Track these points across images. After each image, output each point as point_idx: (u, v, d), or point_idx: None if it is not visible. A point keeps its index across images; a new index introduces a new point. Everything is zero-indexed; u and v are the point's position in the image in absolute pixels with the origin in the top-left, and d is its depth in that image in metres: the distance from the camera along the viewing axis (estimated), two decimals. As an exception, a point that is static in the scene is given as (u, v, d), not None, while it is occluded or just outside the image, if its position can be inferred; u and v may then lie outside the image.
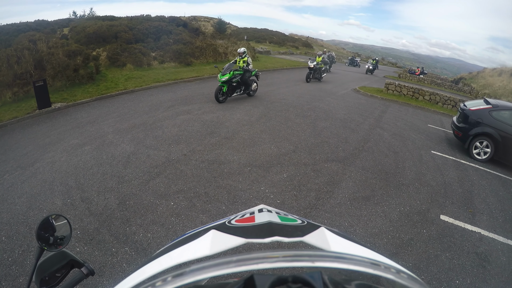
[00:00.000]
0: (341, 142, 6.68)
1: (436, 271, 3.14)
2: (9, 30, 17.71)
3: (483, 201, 4.89)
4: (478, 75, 29.05)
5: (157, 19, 22.86)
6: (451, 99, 13.47)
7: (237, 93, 9.44)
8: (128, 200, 3.89)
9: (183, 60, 15.86)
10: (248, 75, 9.42)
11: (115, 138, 5.99)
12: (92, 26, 17.33)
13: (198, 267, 0.40)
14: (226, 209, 3.82)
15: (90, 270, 1.05)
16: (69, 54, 11.34)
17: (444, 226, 4.00)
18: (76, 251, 2.96)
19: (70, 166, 4.83)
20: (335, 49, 61.47)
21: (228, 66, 8.80)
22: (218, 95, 8.73)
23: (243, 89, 9.53)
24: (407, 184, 5.06)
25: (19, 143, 5.99)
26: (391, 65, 56.33)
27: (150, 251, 3.05)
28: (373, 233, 3.65)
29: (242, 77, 9.22)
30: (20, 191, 4.12)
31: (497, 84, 22.61)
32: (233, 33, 41.89)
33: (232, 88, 9.15)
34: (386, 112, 10.72)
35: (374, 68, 27.05)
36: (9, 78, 8.93)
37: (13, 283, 2.60)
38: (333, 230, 0.65)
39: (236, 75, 8.94)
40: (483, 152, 6.81)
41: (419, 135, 8.25)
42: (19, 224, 3.41)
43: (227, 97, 9.09)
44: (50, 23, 22.80)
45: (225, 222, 0.72)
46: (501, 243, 3.81)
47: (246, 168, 4.97)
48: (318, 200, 4.21)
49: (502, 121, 6.65)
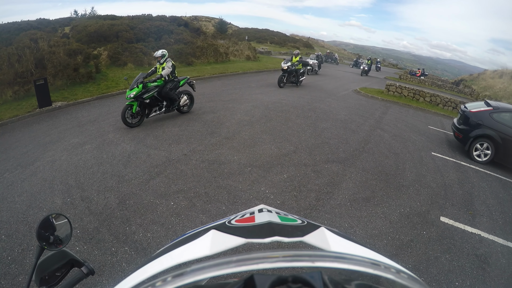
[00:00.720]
0: (342, 143, 6.68)
1: (436, 273, 3.14)
2: (11, 29, 17.73)
3: (483, 203, 4.88)
4: (479, 77, 29.04)
5: (158, 18, 22.88)
6: (452, 100, 13.47)
7: (156, 112, 7.07)
8: (128, 200, 3.89)
9: (184, 60, 15.87)
10: (171, 86, 7.07)
11: (115, 137, 6.00)
12: (93, 25, 17.34)
13: (198, 267, 0.40)
14: (226, 209, 3.82)
15: (90, 270, 1.05)
16: (70, 53, 11.35)
17: (444, 228, 4.00)
18: (76, 250, 2.96)
19: (70, 165, 4.83)
20: (336, 50, 61.47)
21: (137, 78, 6.54)
22: (125, 117, 6.39)
23: (165, 105, 7.17)
24: (407, 186, 5.06)
25: (20, 142, 5.99)
26: (392, 66, 56.35)
27: (150, 250, 3.05)
28: (373, 234, 3.65)
29: (162, 90, 6.92)
30: (20, 189, 4.12)
31: (498, 86, 22.60)
32: (234, 33, 41.94)
33: (148, 106, 6.85)
34: (387, 113, 10.71)
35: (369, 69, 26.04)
36: (10, 76, 8.94)
37: (12, 281, 2.60)
38: (333, 230, 0.65)
39: (150, 88, 6.64)
40: (484, 154, 6.80)
41: (420, 136, 8.25)
42: (19, 222, 3.41)
43: (142, 119, 6.77)
44: (51, 22, 22.83)
45: (225, 222, 0.72)
46: (501, 245, 3.81)
47: (247, 168, 4.97)
48: (318, 201, 4.21)
49: (502, 123, 6.64)
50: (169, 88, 7.01)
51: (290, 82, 13.21)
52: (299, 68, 13.30)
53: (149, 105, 6.83)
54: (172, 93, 7.11)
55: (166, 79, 7.00)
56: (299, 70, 13.29)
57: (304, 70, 13.92)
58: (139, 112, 6.67)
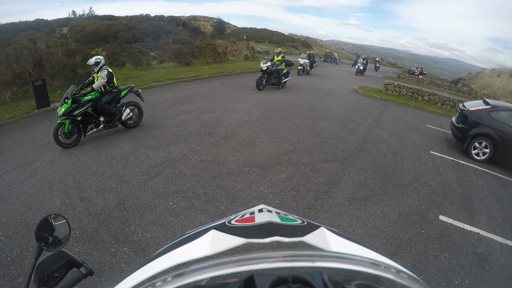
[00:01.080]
0: (340, 142, 6.68)
1: (435, 272, 3.14)
2: (9, 29, 17.65)
3: (482, 201, 4.89)
4: (477, 75, 29.11)
5: (156, 18, 22.84)
6: (450, 99, 13.50)
7: (92, 130, 5.98)
8: (127, 200, 3.88)
9: (183, 59, 15.86)
10: (108, 98, 5.98)
11: (114, 138, 5.98)
12: (92, 25, 17.30)
13: (198, 267, 0.40)
14: (225, 209, 3.82)
15: (89, 270, 1.04)
16: (68, 54, 11.33)
17: (443, 227, 4.01)
18: (75, 251, 2.95)
19: (69, 166, 4.82)
20: (335, 49, 61.53)
21: (67, 91, 5.64)
22: (57, 137, 5.43)
23: (103, 121, 6.07)
24: (406, 185, 5.07)
25: (18, 143, 5.97)
26: (390, 65, 56.43)
27: (149, 251, 3.04)
28: (372, 234, 3.65)
29: (97, 104, 5.89)
30: (19, 190, 4.11)
31: (496, 84, 22.66)
32: (232, 33, 41.90)
33: (82, 123, 5.83)
34: (385, 112, 10.73)
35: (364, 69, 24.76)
36: (8, 77, 8.92)
37: (11, 283, 2.60)
38: (333, 230, 0.65)
39: (82, 103, 5.67)
40: (482, 152, 6.82)
41: (418, 135, 8.26)
42: (18, 223, 3.40)
43: (78, 138, 5.76)
44: (50, 22, 22.75)
45: (225, 222, 0.71)
46: (500, 243, 3.82)
47: (245, 168, 4.97)
48: (317, 200, 4.22)
49: (501, 121, 6.66)
50: (105, 101, 5.93)
51: (271, 84, 11.86)
52: (282, 69, 11.97)
53: (82, 122, 5.80)
54: (110, 107, 6.03)
55: (102, 90, 5.99)
56: (282, 71, 11.97)
57: (287, 70, 12.38)
58: (74, 131, 5.71)
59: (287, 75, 12.51)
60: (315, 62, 20.63)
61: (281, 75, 11.90)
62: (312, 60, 19.62)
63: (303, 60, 18.86)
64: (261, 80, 11.33)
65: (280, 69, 11.87)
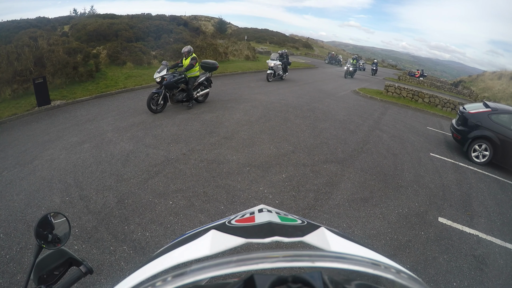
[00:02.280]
0: (340, 143, 6.68)
1: (434, 273, 3.15)
2: (10, 27, 17.67)
3: (481, 204, 4.90)
4: (478, 78, 29.13)
5: (157, 18, 22.87)
6: (451, 102, 13.50)
7: None
8: (126, 199, 3.88)
9: (183, 59, 15.84)
10: None
11: (114, 136, 5.98)
12: (93, 24, 17.31)
13: (198, 267, 0.40)
14: (224, 208, 3.82)
15: (89, 269, 1.05)
16: (69, 52, 11.33)
17: (442, 229, 4.01)
18: (74, 249, 2.95)
19: (69, 164, 4.82)
20: (335, 50, 61.55)
21: None
22: None
23: None
24: (405, 186, 5.07)
25: (18, 140, 5.97)
26: (391, 67, 56.43)
27: (149, 250, 3.04)
28: (371, 235, 3.65)
29: None
30: (18, 188, 4.11)
31: (496, 87, 22.67)
32: (233, 33, 41.94)
33: None
34: (386, 114, 10.73)
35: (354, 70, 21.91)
36: (8, 75, 8.91)
37: (10, 280, 2.60)
38: (333, 230, 0.65)
39: None
40: (482, 155, 6.83)
41: (418, 137, 8.26)
42: (17, 221, 3.40)
43: None
44: (51, 20, 22.77)
45: (225, 222, 0.72)
46: (499, 246, 3.82)
47: (245, 168, 4.97)
48: (316, 201, 4.22)
49: (501, 124, 6.66)
50: None
51: (176, 102, 7.95)
52: (194, 77, 8.09)
53: None
54: None
55: None
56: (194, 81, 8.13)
57: (207, 77, 8.62)
58: None
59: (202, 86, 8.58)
60: (289, 63, 16.28)
61: (190, 88, 7.94)
62: (286, 62, 15.50)
63: (273, 62, 14.47)
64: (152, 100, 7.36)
65: (192, 77, 8.01)
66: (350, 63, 21.74)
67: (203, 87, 8.64)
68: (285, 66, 15.41)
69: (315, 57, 40.86)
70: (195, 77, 8.12)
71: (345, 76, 20.92)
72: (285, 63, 15.38)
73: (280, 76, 15.19)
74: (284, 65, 15.28)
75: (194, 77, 8.08)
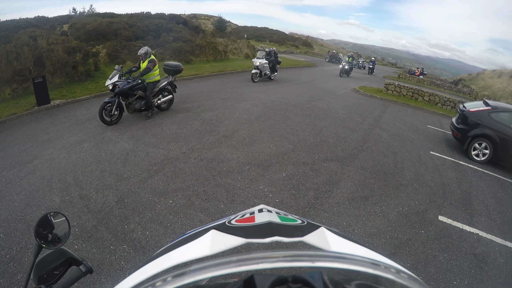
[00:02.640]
0: (340, 141, 6.68)
1: (434, 272, 3.15)
2: (9, 26, 17.63)
3: (481, 202, 4.90)
4: (478, 76, 29.11)
5: (157, 16, 22.82)
6: (451, 100, 13.50)
7: None
8: (126, 198, 3.88)
9: (183, 58, 15.84)
10: None
11: (114, 135, 5.98)
12: (92, 23, 17.28)
13: (198, 267, 0.40)
14: (224, 207, 3.82)
15: (89, 268, 1.05)
16: (68, 51, 11.32)
17: (442, 227, 4.01)
18: (74, 249, 2.95)
19: (69, 163, 4.82)
20: (335, 48, 61.45)
21: None
22: None
23: None
24: (405, 185, 5.07)
25: (18, 140, 5.97)
26: (391, 65, 56.41)
27: (149, 249, 3.04)
28: (372, 233, 3.66)
29: None
30: (18, 187, 4.11)
31: (496, 85, 22.66)
32: (233, 31, 41.88)
33: None
34: (386, 112, 10.73)
35: (350, 69, 20.71)
36: (8, 74, 8.90)
37: (11, 280, 2.60)
38: (333, 230, 0.65)
39: None
40: (482, 153, 6.83)
41: (418, 135, 8.26)
42: (17, 221, 3.40)
43: None
44: (50, 20, 22.72)
45: (225, 222, 0.71)
46: (499, 244, 3.83)
47: (245, 166, 4.97)
48: (316, 200, 4.22)
49: (501, 122, 6.66)
50: None
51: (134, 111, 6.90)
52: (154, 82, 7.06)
53: None
54: None
55: None
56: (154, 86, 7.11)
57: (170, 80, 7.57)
58: None
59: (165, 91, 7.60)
60: (279, 62, 14.73)
61: (149, 94, 6.93)
62: (274, 60, 14.03)
63: (259, 61, 13.13)
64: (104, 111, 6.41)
65: (151, 83, 7.00)
66: (346, 61, 20.67)
67: (167, 92, 7.65)
68: (274, 65, 14.05)
69: (315, 56, 40.84)
70: (154, 82, 7.12)
71: (340, 75, 19.98)
72: (273, 62, 13.99)
73: (268, 76, 13.95)
74: (272, 64, 13.91)
75: (153, 82, 7.09)
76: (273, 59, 13.89)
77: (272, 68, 14.00)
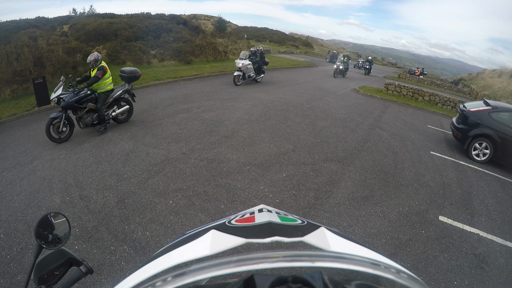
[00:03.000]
0: (341, 142, 6.68)
1: (435, 272, 3.15)
2: (9, 27, 17.63)
3: (481, 202, 4.90)
4: (478, 76, 29.09)
5: (157, 17, 22.83)
6: (451, 100, 13.49)
7: None
8: (127, 198, 3.89)
9: (183, 58, 15.85)
10: None
11: (114, 136, 5.98)
12: (92, 23, 17.29)
13: (198, 267, 0.40)
14: (225, 208, 3.82)
15: (89, 269, 1.05)
16: (68, 51, 11.34)
17: (443, 227, 4.01)
18: (74, 249, 2.96)
19: (69, 164, 4.82)
20: (335, 48, 61.46)
21: None
22: None
23: None
24: (406, 185, 5.07)
25: (18, 141, 5.97)
26: (391, 65, 56.40)
27: (149, 249, 3.05)
28: (372, 234, 3.65)
29: None
30: (18, 188, 4.12)
31: (496, 85, 22.64)
32: (233, 31, 41.90)
33: None
34: (386, 112, 10.72)
35: (345, 69, 19.44)
36: (8, 75, 8.91)
37: (11, 280, 2.60)
38: (333, 230, 0.65)
39: None
40: (482, 153, 6.82)
41: (419, 135, 8.26)
42: (18, 221, 3.41)
43: None
44: (50, 20, 22.72)
45: (225, 222, 0.71)
46: (500, 244, 3.82)
47: (245, 167, 4.97)
48: (317, 200, 4.22)
49: (501, 122, 6.66)
50: None
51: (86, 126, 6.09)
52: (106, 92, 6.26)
53: None
54: None
55: None
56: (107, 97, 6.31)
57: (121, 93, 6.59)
58: None
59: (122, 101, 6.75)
60: (266, 63, 13.41)
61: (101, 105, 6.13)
62: (261, 61, 12.82)
63: (241, 62, 11.87)
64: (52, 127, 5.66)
65: (103, 93, 6.20)
66: (341, 61, 19.50)
67: (124, 102, 6.79)
68: (259, 67, 12.84)
69: (315, 56, 40.82)
70: (107, 92, 6.29)
71: (335, 75, 19.01)
72: (259, 62, 12.72)
73: (253, 78, 12.67)
74: (258, 65, 12.67)
75: (106, 92, 6.25)
76: (259, 59, 12.70)
77: (258, 70, 12.87)
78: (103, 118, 6.19)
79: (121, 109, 6.70)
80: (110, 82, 6.32)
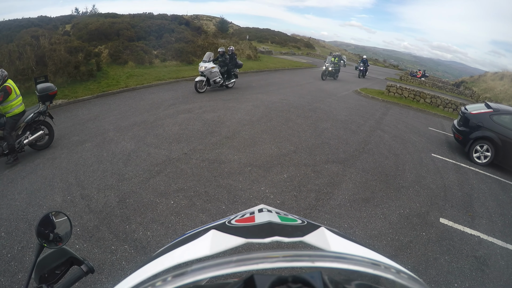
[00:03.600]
0: (342, 143, 6.68)
1: (435, 274, 3.14)
2: (11, 26, 17.69)
3: (482, 204, 4.88)
4: (480, 78, 29.00)
5: (159, 17, 22.85)
6: (452, 102, 13.46)
7: None
8: (128, 198, 3.89)
9: (185, 58, 15.86)
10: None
11: (115, 136, 5.99)
12: (94, 23, 17.33)
13: (198, 267, 0.41)
14: (226, 208, 3.82)
15: (90, 268, 1.05)
16: (71, 51, 11.35)
17: (444, 229, 4.00)
18: (75, 248, 2.96)
19: (71, 163, 4.83)
20: (337, 50, 61.43)
21: None
22: None
23: None
24: (407, 187, 5.06)
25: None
26: (393, 67, 56.32)
27: (150, 249, 3.05)
28: (373, 235, 3.65)
29: None
30: (20, 187, 4.13)
31: (498, 88, 22.57)
32: (235, 32, 41.95)
33: None
34: (387, 114, 10.71)
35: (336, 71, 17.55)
36: (10, 74, 8.90)
37: (12, 279, 2.61)
38: (333, 230, 0.65)
39: None
40: (484, 156, 6.81)
41: (420, 137, 8.25)
42: (19, 220, 3.41)
43: None
44: (52, 19, 22.78)
45: (225, 222, 0.72)
46: (500, 247, 3.81)
47: (247, 167, 4.97)
48: (318, 201, 4.21)
49: (502, 125, 6.64)
50: None
51: None
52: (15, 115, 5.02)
53: None
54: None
55: None
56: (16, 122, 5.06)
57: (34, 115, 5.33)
58: None
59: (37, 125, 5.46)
60: (239, 65, 11.43)
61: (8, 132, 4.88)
62: (231, 64, 10.85)
63: (204, 65, 9.98)
64: None
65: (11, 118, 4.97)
66: (330, 61, 17.35)
67: (41, 125, 5.50)
68: (229, 70, 10.85)
69: (316, 57, 40.79)
70: (15, 116, 5.04)
71: (322, 78, 16.80)
72: (229, 65, 10.72)
73: (220, 84, 10.73)
74: (227, 68, 10.70)
75: (13, 117, 5.01)
76: (228, 62, 10.67)
77: (227, 74, 10.88)
78: (13, 147, 4.89)
79: (35, 135, 5.32)
80: (18, 104, 5.11)
